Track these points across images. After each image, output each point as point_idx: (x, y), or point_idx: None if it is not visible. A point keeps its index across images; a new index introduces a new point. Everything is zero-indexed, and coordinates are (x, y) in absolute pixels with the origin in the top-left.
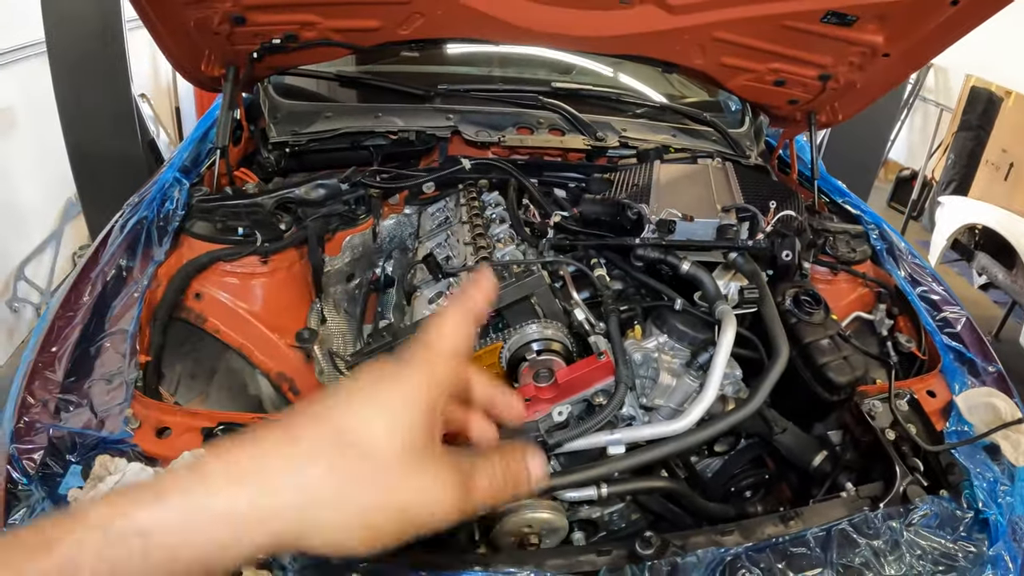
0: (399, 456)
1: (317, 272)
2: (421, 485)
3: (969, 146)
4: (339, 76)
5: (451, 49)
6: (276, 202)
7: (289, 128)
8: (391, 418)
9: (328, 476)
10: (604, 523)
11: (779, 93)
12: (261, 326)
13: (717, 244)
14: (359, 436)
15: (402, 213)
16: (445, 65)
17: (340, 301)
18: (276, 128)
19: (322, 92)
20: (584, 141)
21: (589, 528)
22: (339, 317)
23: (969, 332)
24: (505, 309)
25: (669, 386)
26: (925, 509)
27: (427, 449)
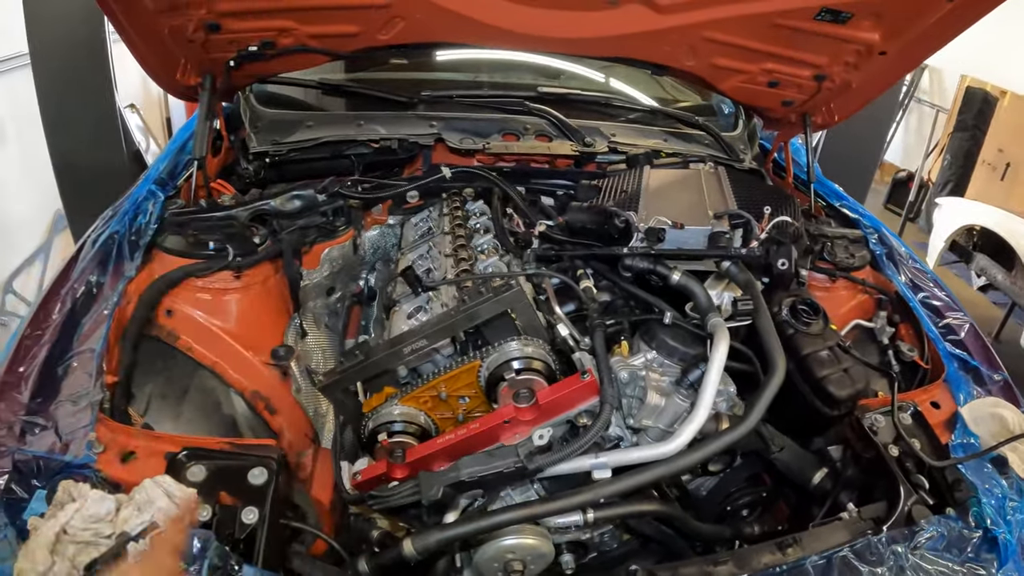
0: None
1: (294, 286)
2: None
3: (965, 146)
4: (321, 84)
5: (435, 55)
6: (250, 214)
7: (270, 138)
8: None
9: None
10: (594, 544)
11: (773, 94)
12: (235, 343)
13: (709, 253)
14: None
15: (385, 223)
16: (429, 71)
17: (321, 315)
18: (257, 138)
19: (306, 100)
20: (572, 147)
21: (579, 550)
22: (320, 332)
23: (973, 339)
24: (483, 326)
25: (658, 406)
26: (931, 531)
27: None
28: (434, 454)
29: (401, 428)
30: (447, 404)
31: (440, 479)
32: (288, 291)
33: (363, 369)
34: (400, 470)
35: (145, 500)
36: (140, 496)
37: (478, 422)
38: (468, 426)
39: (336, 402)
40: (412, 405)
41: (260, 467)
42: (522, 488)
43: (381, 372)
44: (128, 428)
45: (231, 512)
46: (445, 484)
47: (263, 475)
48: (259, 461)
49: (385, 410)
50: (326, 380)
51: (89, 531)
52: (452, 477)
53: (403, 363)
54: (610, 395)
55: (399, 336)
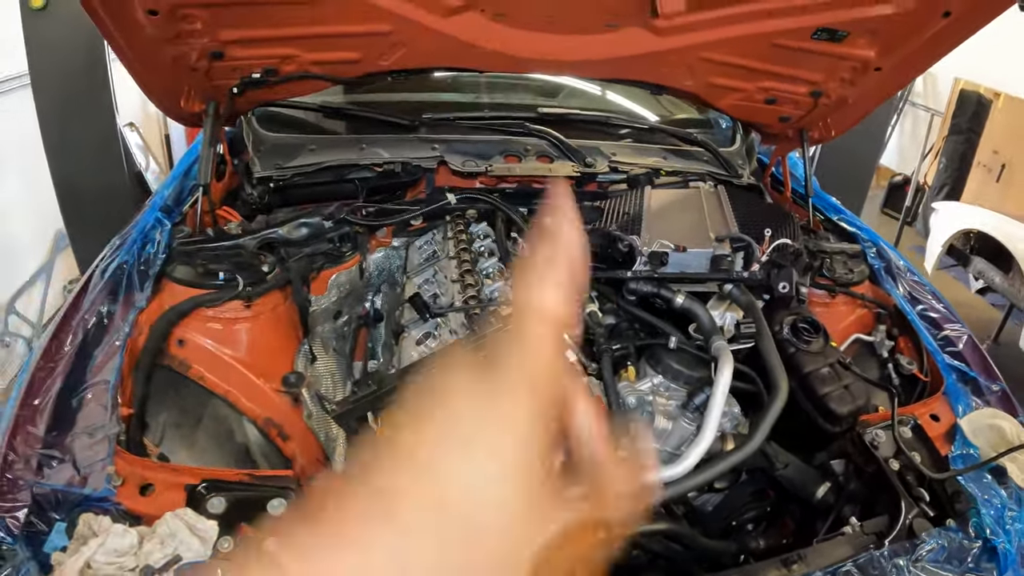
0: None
1: (303, 313)
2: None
3: (960, 149)
4: (323, 107)
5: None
6: (259, 243)
7: (273, 162)
8: (504, 477)
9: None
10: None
11: (770, 111)
12: (247, 371)
13: (712, 276)
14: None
15: (390, 246)
16: (430, 92)
17: (329, 340)
18: (260, 162)
19: (308, 122)
20: (573, 167)
21: None
22: (328, 357)
23: (971, 349)
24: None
25: (665, 430)
26: (932, 543)
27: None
28: None
29: None
30: None
31: None
32: (297, 317)
33: (375, 399)
34: None
35: (167, 533)
36: (162, 529)
37: None
38: None
39: (349, 430)
40: None
41: (279, 498)
42: None
43: (392, 401)
44: (146, 460)
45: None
46: None
47: (282, 506)
48: (278, 492)
49: None
50: (339, 409)
51: (113, 565)
52: None
53: None
54: (617, 419)
55: (410, 365)
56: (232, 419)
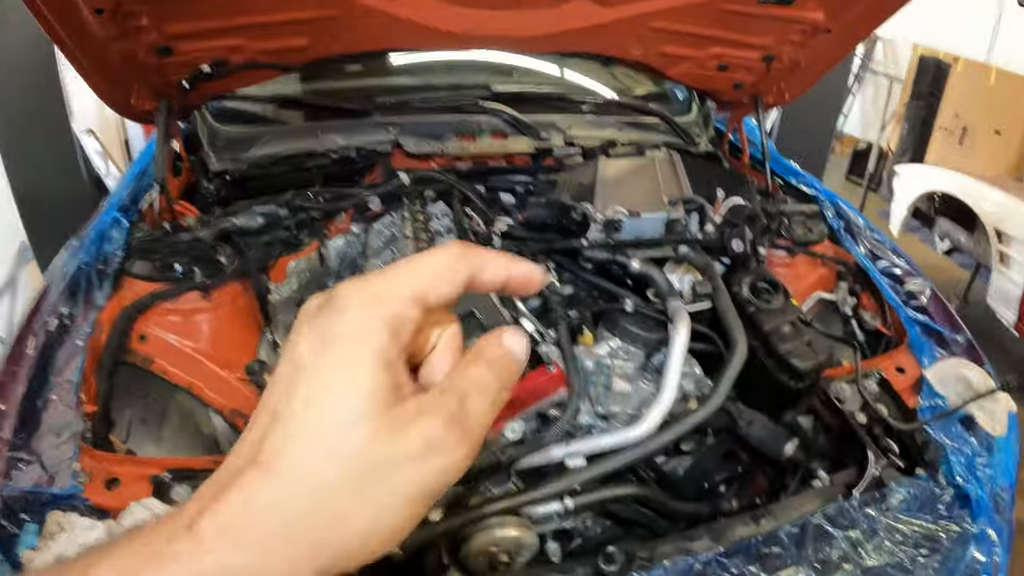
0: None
1: (263, 302)
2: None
3: (922, 114)
4: (276, 98)
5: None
6: (215, 235)
7: (229, 155)
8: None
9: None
10: (579, 531)
11: (723, 78)
12: (209, 363)
13: (666, 240)
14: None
15: (350, 232)
16: (385, 77)
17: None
18: (216, 156)
19: (263, 114)
20: (528, 143)
21: (564, 538)
22: None
23: (934, 303)
24: None
25: (624, 392)
26: (902, 492)
27: (398, 411)
28: None
29: None
30: None
31: None
32: (258, 307)
33: None
34: None
35: (132, 523)
36: (128, 520)
37: None
38: None
39: None
40: None
41: None
42: (500, 482)
43: None
44: (111, 455)
45: None
46: None
47: None
48: None
49: None
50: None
51: None
52: None
53: None
54: (577, 385)
55: None
56: (198, 411)
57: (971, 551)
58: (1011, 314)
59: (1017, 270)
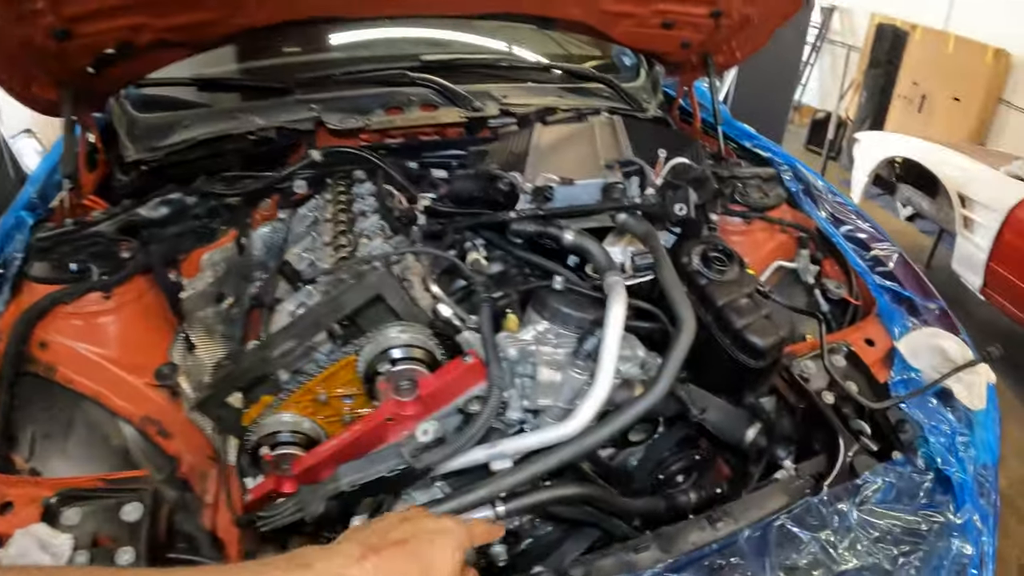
0: None
1: (172, 298)
2: None
3: (880, 82)
4: (195, 80)
5: (314, 36)
6: (117, 228)
7: (147, 144)
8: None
9: None
10: (526, 531)
11: (669, 37)
12: (116, 368)
13: (600, 207)
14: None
15: (276, 219)
16: (309, 53)
17: (213, 325)
18: (134, 146)
19: (183, 98)
20: (460, 114)
21: (510, 539)
22: (213, 343)
23: (903, 268)
24: (358, 316)
25: (553, 383)
26: (878, 481)
27: None
28: (322, 463)
29: (287, 438)
30: (331, 406)
31: (319, 494)
32: (167, 304)
33: (235, 379)
34: (289, 484)
35: (17, 554)
36: (12, 551)
37: (360, 423)
38: (351, 428)
39: (216, 419)
40: (294, 412)
41: (134, 502)
42: (424, 486)
43: (260, 380)
44: (5, 478)
45: (108, 555)
46: (325, 498)
47: (136, 511)
48: (132, 496)
49: (265, 421)
50: (201, 397)
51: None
52: (332, 489)
53: (278, 368)
54: (496, 376)
55: (267, 339)
56: (106, 422)
57: (957, 543)
58: (976, 278)
59: (981, 234)
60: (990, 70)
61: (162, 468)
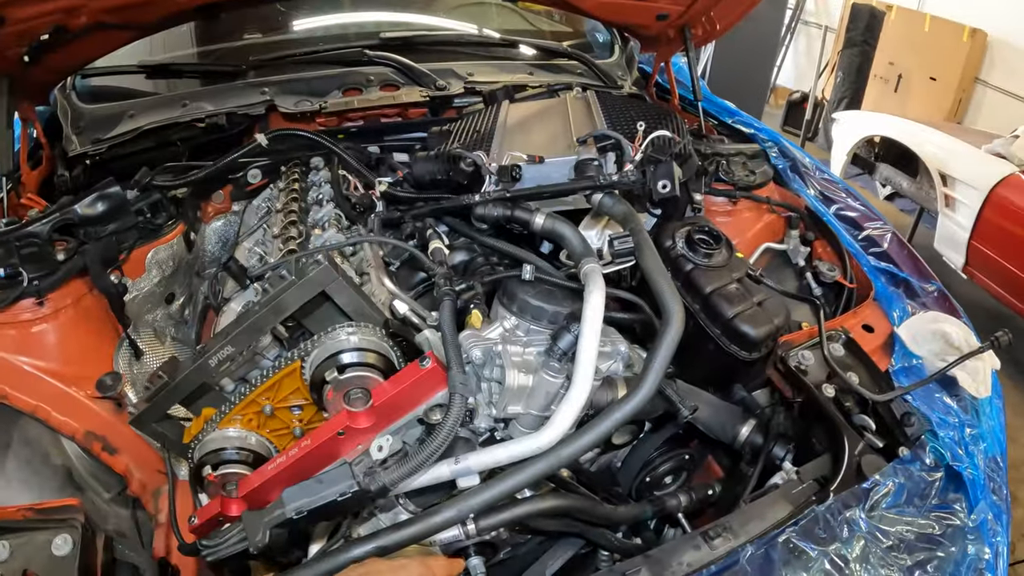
0: None
1: (113, 301)
2: None
3: (856, 62)
4: (141, 67)
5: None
6: (53, 227)
7: (93, 136)
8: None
9: None
10: (503, 542)
11: (645, 8)
12: (55, 381)
13: (574, 186)
14: None
15: (230, 212)
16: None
17: (164, 328)
18: (79, 139)
19: (131, 88)
20: (422, 93)
21: (487, 550)
22: (165, 347)
23: (898, 248)
24: (303, 317)
25: (524, 387)
26: (888, 483)
27: None
28: (269, 483)
29: (232, 456)
30: (277, 419)
31: (263, 521)
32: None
33: (173, 392)
34: (237, 507)
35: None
36: None
37: (309, 437)
38: (299, 444)
39: (155, 435)
40: (239, 426)
41: (63, 535)
42: (388, 505)
43: (200, 391)
44: None
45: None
46: (270, 526)
47: (67, 544)
48: (60, 528)
49: (207, 437)
50: (136, 409)
51: None
52: (277, 517)
53: (220, 377)
54: (459, 382)
55: (204, 346)
56: (46, 439)
57: (973, 548)
58: (959, 257)
59: (963, 212)
60: (966, 49)
61: (110, 487)
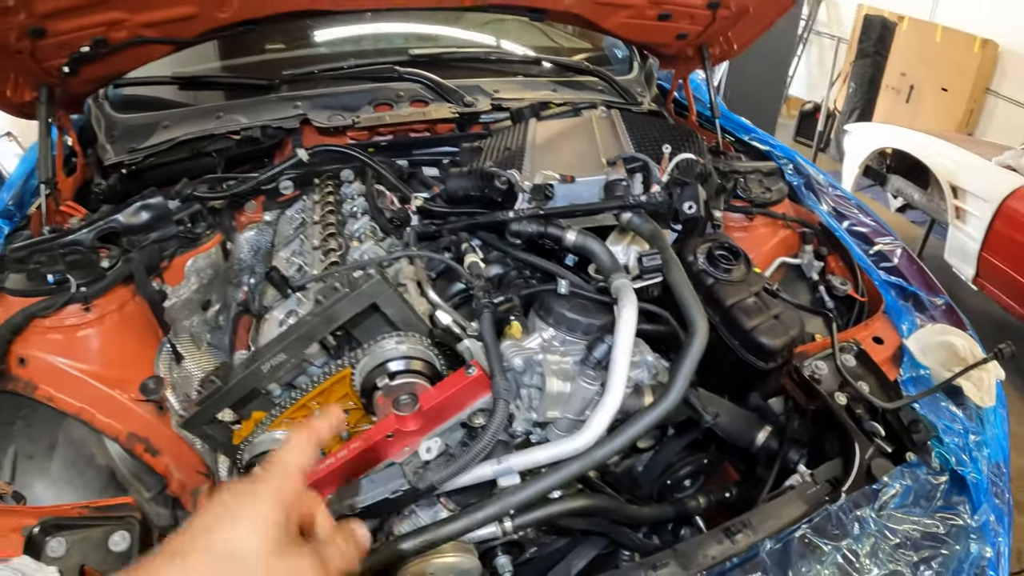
0: (265, 555)
1: (155, 308)
2: (286, 570)
3: (868, 73)
4: (175, 79)
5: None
6: (97, 235)
7: (128, 146)
8: (251, 529)
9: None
10: (529, 540)
11: (665, 28)
12: (100, 384)
13: (605, 205)
14: (230, 546)
15: (262, 222)
16: (294, 50)
17: (200, 334)
18: (113, 148)
19: (164, 98)
20: (451, 109)
21: (514, 550)
22: (201, 353)
23: (907, 263)
24: (352, 327)
25: (562, 393)
26: (896, 485)
27: (286, 545)
28: (319, 482)
29: None
30: None
31: None
32: (151, 314)
33: (224, 396)
34: None
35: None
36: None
37: (358, 440)
38: (348, 446)
39: (204, 437)
40: (287, 428)
41: (122, 531)
42: (428, 504)
43: (251, 395)
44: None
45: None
46: None
47: (125, 540)
48: (119, 524)
49: (257, 439)
50: (189, 413)
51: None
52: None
53: (269, 382)
54: (502, 388)
55: (256, 352)
56: (90, 440)
57: (976, 546)
58: (969, 269)
59: (973, 224)
60: (978, 60)
61: (151, 486)
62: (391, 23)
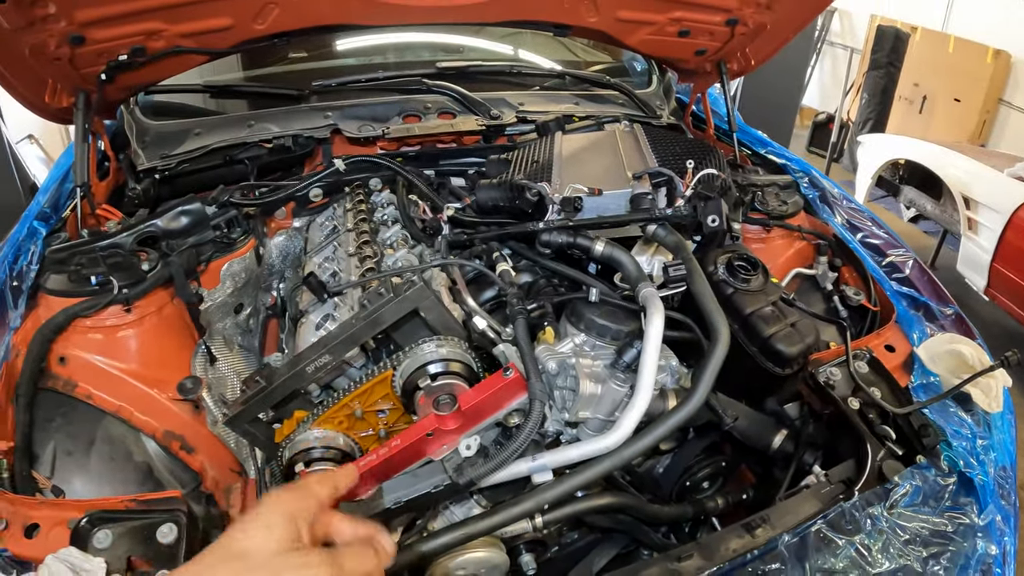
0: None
1: (193, 310)
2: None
3: (881, 84)
4: (207, 87)
5: (329, 43)
6: (136, 239)
7: (159, 152)
8: (259, 531)
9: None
10: (553, 538)
11: (685, 44)
12: (138, 383)
13: (632, 218)
14: (240, 546)
15: (291, 228)
16: (323, 60)
17: (232, 336)
18: (145, 153)
19: (195, 105)
20: (477, 121)
21: (538, 548)
22: (233, 355)
23: (919, 274)
24: (392, 330)
25: (594, 395)
26: (906, 485)
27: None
28: (361, 478)
29: (320, 455)
30: (365, 421)
31: (362, 512)
32: (188, 316)
33: (267, 396)
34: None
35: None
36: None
37: (399, 438)
38: (389, 444)
39: (246, 435)
40: (328, 427)
41: (169, 523)
42: (461, 499)
43: (290, 395)
44: (28, 499)
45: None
46: (369, 515)
47: (172, 532)
48: (166, 517)
49: (299, 437)
50: (231, 412)
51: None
52: (376, 506)
53: (310, 383)
54: (538, 390)
55: (300, 354)
56: (128, 437)
57: (982, 544)
58: (981, 279)
59: (985, 235)
60: (990, 70)
61: (186, 483)
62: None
